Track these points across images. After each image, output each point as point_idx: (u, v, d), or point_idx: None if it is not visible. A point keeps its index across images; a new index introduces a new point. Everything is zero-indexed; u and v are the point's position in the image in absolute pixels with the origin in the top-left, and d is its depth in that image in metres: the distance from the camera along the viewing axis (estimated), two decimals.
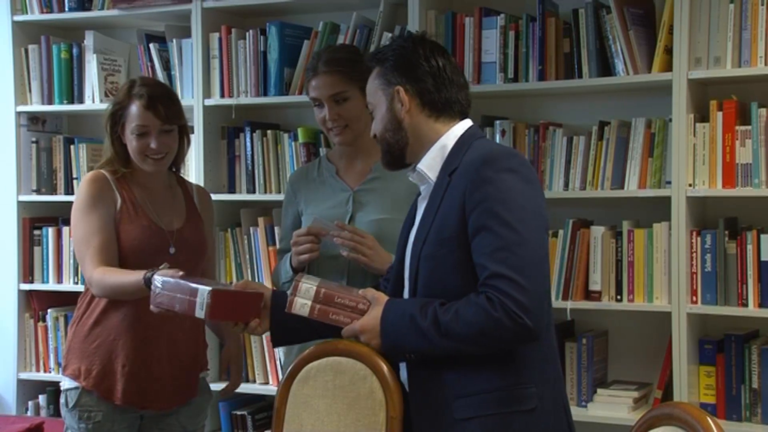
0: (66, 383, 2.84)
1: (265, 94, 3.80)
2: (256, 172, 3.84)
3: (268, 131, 3.84)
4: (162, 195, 2.89)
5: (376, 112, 2.26)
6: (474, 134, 2.21)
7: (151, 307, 2.40)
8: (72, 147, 4.18)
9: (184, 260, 2.76)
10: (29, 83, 4.22)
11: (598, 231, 3.32)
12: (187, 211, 2.92)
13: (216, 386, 3.27)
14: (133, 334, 2.78)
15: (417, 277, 2.15)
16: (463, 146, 2.15)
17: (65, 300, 4.16)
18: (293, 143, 3.79)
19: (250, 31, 3.82)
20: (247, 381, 3.86)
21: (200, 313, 2.23)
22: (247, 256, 3.84)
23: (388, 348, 2.16)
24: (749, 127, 3.10)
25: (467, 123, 2.23)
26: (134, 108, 2.77)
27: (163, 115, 2.78)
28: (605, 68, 3.31)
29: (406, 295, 2.24)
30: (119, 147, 2.83)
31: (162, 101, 2.80)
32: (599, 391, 3.35)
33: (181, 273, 2.44)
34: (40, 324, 4.20)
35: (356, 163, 2.85)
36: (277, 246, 3.00)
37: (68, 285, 4.13)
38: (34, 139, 4.23)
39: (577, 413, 2.84)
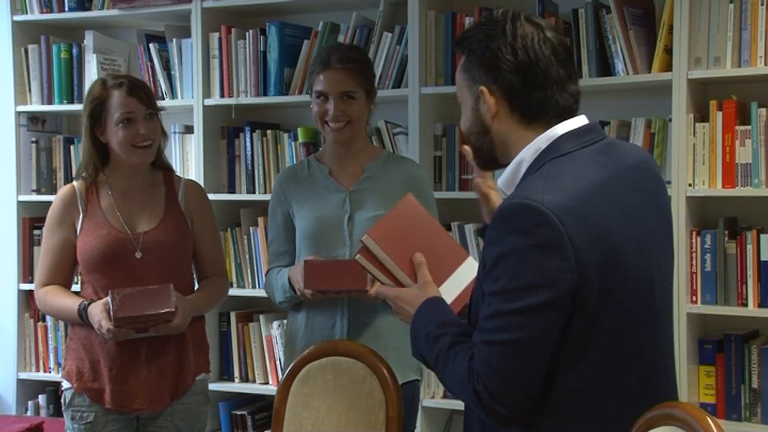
0: (64, 383, 2.86)
1: (265, 94, 3.80)
2: (255, 172, 3.84)
3: (268, 131, 3.84)
4: (137, 197, 2.85)
5: (462, 107, 1.92)
6: (557, 149, 1.80)
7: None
8: (72, 147, 4.19)
9: (154, 263, 2.77)
10: (29, 83, 4.22)
11: None
12: (165, 212, 2.86)
13: (215, 386, 3.27)
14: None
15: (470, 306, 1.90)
16: (534, 168, 1.80)
17: None
18: (293, 143, 3.79)
19: (250, 31, 3.82)
20: (247, 381, 3.86)
21: None
22: (247, 256, 3.84)
23: (411, 335, 1.97)
24: (749, 127, 3.10)
25: (558, 131, 1.82)
26: (116, 97, 2.76)
27: (146, 99, 2.80)
28: (605, 68, 3.31)
29: None
30: (98, 147, 2.81)
31: (142, 87, 2.84)
32: None
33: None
34: (40, 324, 4.20)
35: (347, 164, 2.85)
36: (269, 248, 2.97)
37: None
38: (33, 139, 4.23)
39: None
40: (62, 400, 2.86)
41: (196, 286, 2.97)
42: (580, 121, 1.85)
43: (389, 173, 2.83)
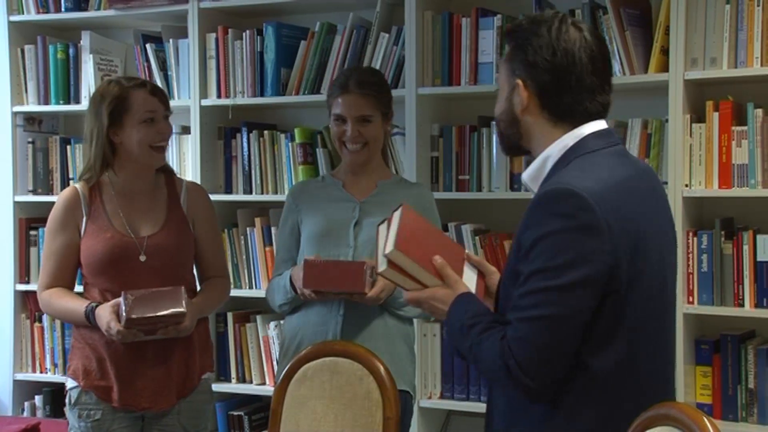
0: (69, 382, 2.86)
1: (262, 94, 3.80)
2: (252, 172, 3.84)
3: (265, 132, 3.84)
4: (139, 200, 2.85)
5: (499, 93, 1.99)
6: (584, 147, 1.89)
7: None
8: (68, 147, 4.18)
9: (159, 266, 2.78)
10: (25, 83, 4.22)
11: None
12: (167, 215, 2.86)
13: (215, 387, 3.26)
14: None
15: (498, 299, 1.99)
16: (562, 163, 1.89)
17: None
18: (290, 143, 3.78)
19: (247, 31, 3.82)
20: (244, 381, 3.86)
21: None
22: (244, 257, 3.84)
23: (446, 330, 2.04)
24: (745, 128, 3.11)
25: (583, 131, 1.91)
26: (139, 96, 2.77)
27: (165, 100, 2.85)
28: None
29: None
30: (109, 147, 2.80)
31: (160, 89, 2.91)
32: None
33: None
34: (37, 324, 4.20)
35: (361, 179, 2.91)
36: (275, 256, 3.02)
37: None
38: (30, 140, 4.23)
39: None
40: (67, 399, 2.85)
41: (198, 287, 2.97)
42: (602, 124, 1.94)
43: (401, 192, 2.89)
